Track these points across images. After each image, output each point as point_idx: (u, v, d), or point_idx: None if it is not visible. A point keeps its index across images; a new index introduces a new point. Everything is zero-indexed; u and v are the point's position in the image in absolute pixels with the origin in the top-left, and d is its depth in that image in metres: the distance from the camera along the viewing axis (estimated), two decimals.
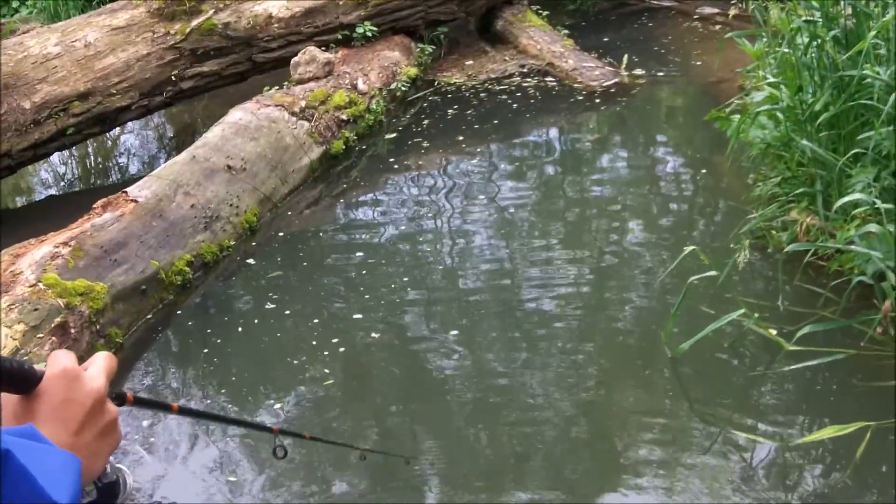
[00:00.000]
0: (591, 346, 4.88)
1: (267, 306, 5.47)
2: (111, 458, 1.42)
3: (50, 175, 8.70)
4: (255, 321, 5.35)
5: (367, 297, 5.47)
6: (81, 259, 5.14)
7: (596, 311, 5.16)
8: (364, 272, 5.78)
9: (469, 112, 8.04)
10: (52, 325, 4.67)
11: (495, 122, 7.87)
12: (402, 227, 6.38)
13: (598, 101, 8.05)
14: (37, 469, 1.05)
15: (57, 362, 1.28)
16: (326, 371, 4.82)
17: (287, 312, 5.37)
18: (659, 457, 3.98)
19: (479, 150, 7.51)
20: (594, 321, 5.07)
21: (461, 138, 7.63)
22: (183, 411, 1.83)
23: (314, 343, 5.04)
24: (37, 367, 1.28)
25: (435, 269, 5.80)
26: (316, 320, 5.26)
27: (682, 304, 4.61)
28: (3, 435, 1.02)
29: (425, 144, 7.61)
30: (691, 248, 4.89)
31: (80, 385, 1.27)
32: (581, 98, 8.11)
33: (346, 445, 3.50)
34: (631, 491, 3.80)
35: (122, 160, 9.18)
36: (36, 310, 4.68)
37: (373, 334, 5.12)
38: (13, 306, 4.66)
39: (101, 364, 1.33)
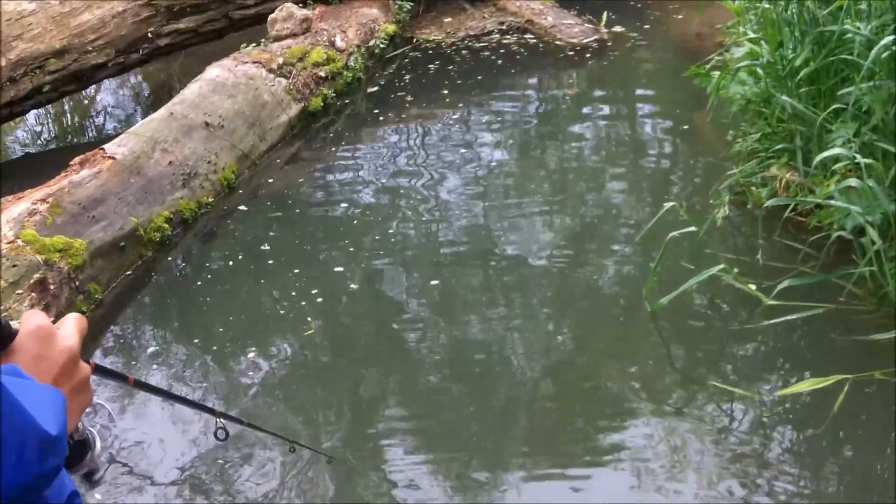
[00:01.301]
0: (570, 302, 4.90)
1: (246, 262, 5.46)
2: (83, 419, 1.42)
3: (26, 133, 8.62)
4: (235, 276, 5.35)
5: (347, 251, 5.47)
6: (59, 216, 5.11)
7: (576, 266, 5.17)
8: (343, 227, 5.77)
9: (450, 68, 8.01)
10: (31, 282, 4.65)
11: (479, 77, 7.85)
12: (382, 183, 6.36)
13: (577, 58, 8.03)
14: (26, 402, 1.05)
15: (31, 320, 1.28)
16: (307, 321, 4.82)
17: (266, 267, 5.36)
18: (638, 411, 4.00)
19: (459, 105, 7.48)
20: (574, 276, 5.08)
21: (444, 92, 7.61)
22: (138, 384, 1.85)
23: (294, 294, 5.04)
24: (12, 323, 1.28)
25: (414, 223, 5.78)
26: (296, 271, 5.27)
27: (662, 259, 4.63)
28: None
29: (407, 99, 7.58)
30: (671, 204, 4.90)
31: (54, 343, 1.28)
32: (561, 55, 8.09)
33: (280, 437, 3.49)
34: (609, 445, 3.83)
35: (99, 119, 9.10)
36: (14, 266, 4.65)
37: (352, 286, 5.13)
38: None
39: (72, 324, 1.34)
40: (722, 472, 3.60)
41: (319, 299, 4.99)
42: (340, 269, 5.26)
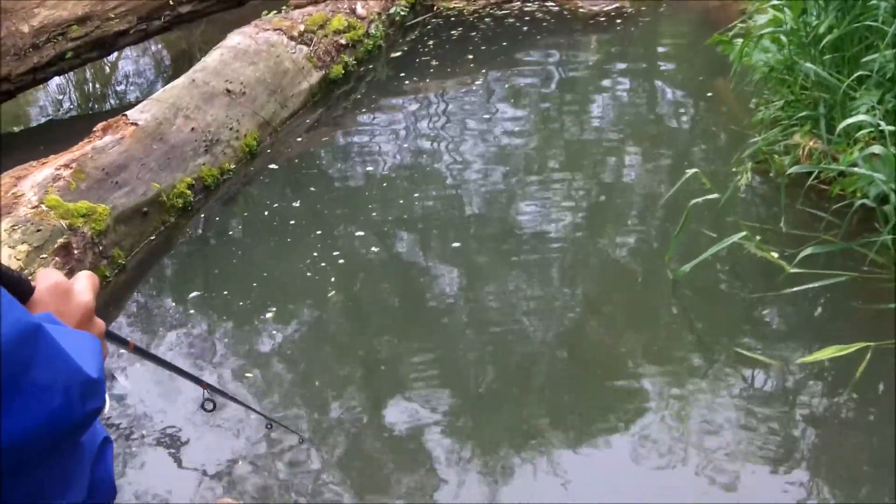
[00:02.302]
0: (591, 269, 4.90)
1: (268, 227, 5.48)
2: None
3: (49, 101, 8.64)
4: (256, 242, 5.37)
5: (367, 216, 5.48)
6: (83, 181, 5.13)
7: (597, 233, 5.17)
8: (364, 193, 5.79)
9: (473, 35, 8.01)
10: (56, 246, 4.67)
11: (503, 44, 7.84)
12: (403, 150, 6.37)
13: (599, 26, 8.00)
14: (66, 347, 1.06)
15: (48, 277, 1.30)
16: (328, 284, 4.85)
17: (288, 232, 5.38)
18: (660, 378, 4.00)
19: (481, 73, 7.47)
20: (595, 243, 5.09)
21: (468, 57, 7.63)
22: (137, 350, 1.88)
23: (315, 257, 5.07)
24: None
25: (435, 189, 5.79)
26: (318, 234, 5.31)
27: (684, 227, 4.62)
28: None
29: (428, 67, 7.58)
30: (693, 171, 4.89)
31: (71, 298, 1.31)
32: (583, 23, 8.06)
33: (261, 414, 3.48)
34: (631, 413, 3.83)
35: (120, 86, 9.13)
36: (39, 231, 4.68)
37: (373, 248, 5.17)
38: (16, 227, 4.65)
39: (86, 281, 1.37)
40: (744, 439, 3.60)
41: (341, 261, 5.01)
42: (361, 233, 5.27)
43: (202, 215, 5.69)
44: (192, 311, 4.86)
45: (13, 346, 0.96)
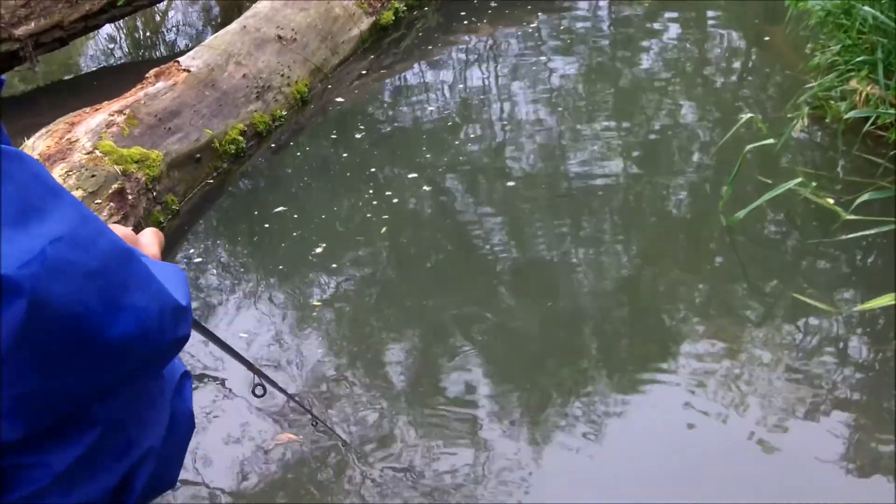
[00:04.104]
0: (644, 216, 4.87)
1: (319, 174, 5.50)
2: None
3: (100, 49, 8.69)
4: (308, 188, 5.39)
5: (419, 163, 5.48)
6: (136, 127, 5.16)
7: (650, 179, 5.13)
8: (415, 141, 5.79)
9: None
10: (110, 192, 4.71)
11: None
12: (454, 97, 6.36)
13: None
14: (156, 273, 1.08)
15: (115, 229, 1.31)
16: (379, 228, 4.89)
17: (339, 178, 5.39)
18: (714, 325, 3.98)
19: (531, 20, 7.41)
20: (649, 190, 5.05)
21: (519, 3, 7.55)
22: (195, 325, 1.82)
23: (366, 201, 5.09)
24: None
25: (485, 136, 5.78)
26: (369, 180, 5.32)
27: (739, 173, 4.58)
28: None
29: (479, 10, 7.53)
30: (749, 115, 4.84)
31: (140, 249, 1.31)
32: None
33: (309, 412, 3.34)
34: (686, 358, 3.81)
35: (170, 35, 9.16)
36: (93, 176, 4.71)
37: (425, 197, 5.17)
38: (70, 173, 4.69)
39: (152, 236, 1.38)
40: (799, 385, 3.58)
41: (391, 208, 5.02)
42: (413, 181, 5.27)
43: (254, 162, 5.71)
44: (244, 257, 4.89)
45: (115, 264, 0.98)
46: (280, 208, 5.17)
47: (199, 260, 4.89)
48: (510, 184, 5.20)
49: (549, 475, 3.30)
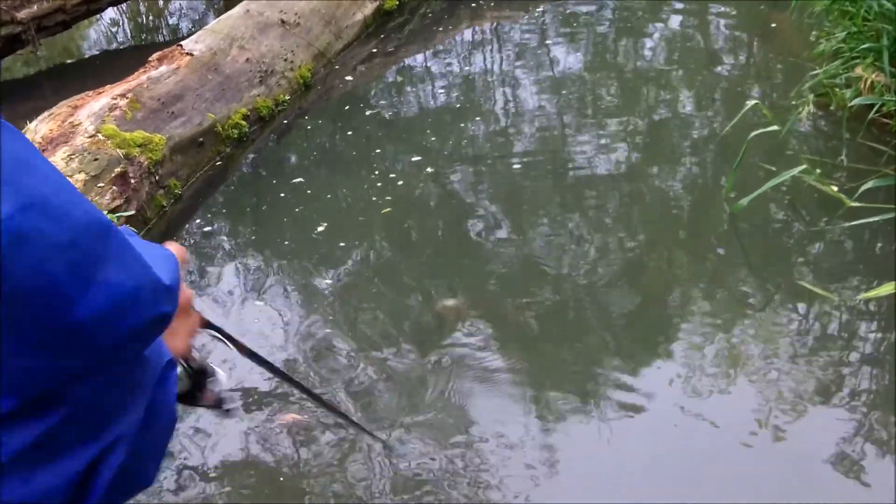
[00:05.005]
0: (648, 201, 4.85)
1: (322, 159, 5.49)
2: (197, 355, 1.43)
3: (102, 34, 8.67)
4: (311, 173, 5.38)
5: (422, 149, 5.47)
6: (139, 111, 5.15)
7: (655, 165, 5.12)
8: (418, 126, 5.77)
9: None
10: (112, 175, 4.70)
11: None
12: (457, 83, 6.34)
13: None
14: (141, 252, 1.06)
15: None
16: (386, 199, 4.91)
17: (342, 164, 5.39)
18: (716, 311, 3.98)
19: (535, 6, 7.39)
20: (653, 176, 5.04)
21: None
22: (242, 349, 1.73)
23: (373, 177, 5.12)
24: None
25: (488, 122, 5.76)
26: (374, 153, 5.34)
27: (743, 160, 4.56)
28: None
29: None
30: (753, 102, 4.82)
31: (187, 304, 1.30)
32: None
33: (359, 426, 3.31)
34: (687, 344, 3.81)
35: (173, 19, 9.14)
36: (96, 160, 4.71)
37: (428, 169, 5.18)
38: (73, 156, 4.68)
39: (174, 247, 1.33)
40: (799, 372, 3.57)
41: (393, 192, 5.01)
42: (415, 165, 5.27)
43: (257, 146, 5.71)
44: (247, 241, 4.89)
45: (89, 237, 0.96)
46: (282, 194, 5.16)
47: (202, 243, 4.88)
48: (513, 168, 5.19)
49: (546, 467, 3.29)
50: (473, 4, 7.45)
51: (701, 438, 3.35)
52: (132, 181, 4.80)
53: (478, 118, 5.80)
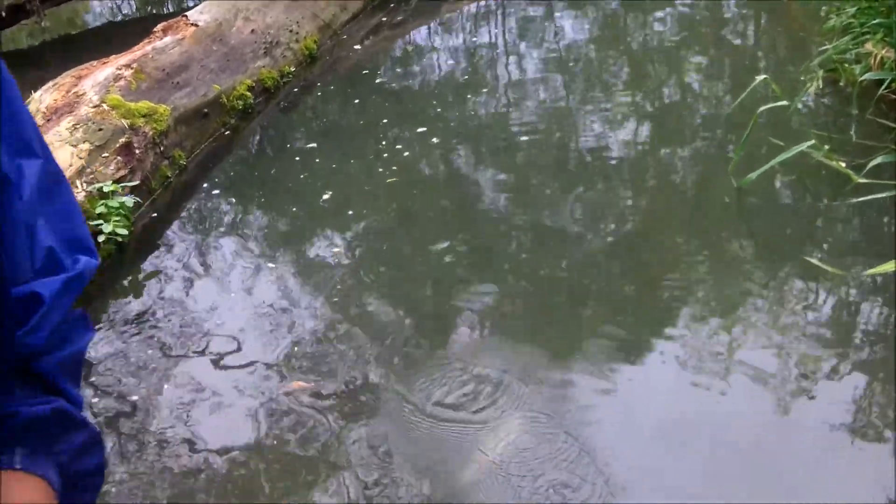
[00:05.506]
0: (655, 176, 4.83)
1: (326, 131, 5.48)
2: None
3: (107, 4, 8.64)
4: (316, 145, 5.35)
5: (429, 115, 5.45)
6: (144, 81, 5.12)
7: (662, 140, 5.09)
8: (425, 96, 5.75)
9: None
10: (117, 145, 4.68)
11: None
12: (463, 56, 6.31)
13: None
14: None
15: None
16: (392, 169, 4.91)
17: (347, 135, 5.37)
18: (722, 285, 3.96)
19: None
20: (660, 150, 5.01)
21: None
22: None
23: (379, 147, 5.11)
24: None
25: (495, 95, 5.74)
26: (381, 123, 5.34)
27: (751, 135, 4.53)
28: None
29: None
30: (763, 76, 4.78)
31: None
32: None
33: None
34: (692, 319, 3.79)
35: None
36: (100, 130, 4.68)
37: (433, 140, 5.16)
38: (77, 126, 4.66)
39: None
40: (806, 347, 3.56)
41: (406, 153, 4.99)
42: (423, 129, 5.25)
43: (262, 118, 5.68)
44: (251, 212, 4.87)
45: None
46: (287, 166, 5.14)
47: (207, 215, 4.87)
48: (519, 140, 5.17)
49: (543, 448, 3.28)
50: None
51: (709, 403, 3.34)
52: (137, 151, 4.77)
53: (483, 90, 5.77)
